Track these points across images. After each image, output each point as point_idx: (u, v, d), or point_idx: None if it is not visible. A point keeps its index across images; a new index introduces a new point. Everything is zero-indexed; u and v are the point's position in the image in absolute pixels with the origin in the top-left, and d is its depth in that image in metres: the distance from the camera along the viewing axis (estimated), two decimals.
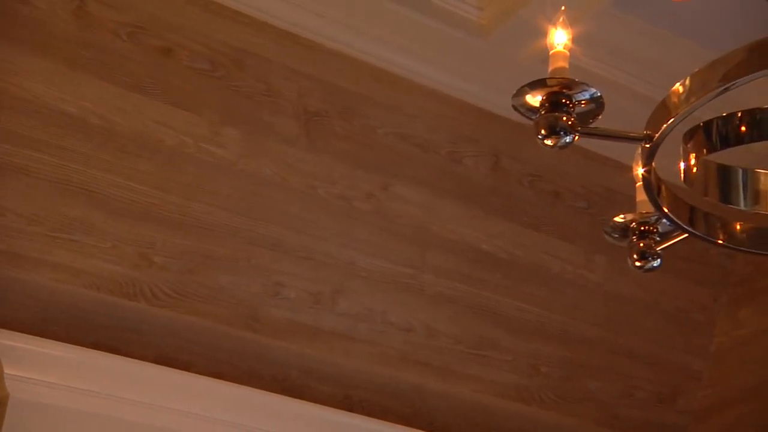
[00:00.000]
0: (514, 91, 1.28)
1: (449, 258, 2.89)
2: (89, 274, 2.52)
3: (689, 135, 1.35)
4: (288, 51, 2.60)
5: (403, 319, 2.88)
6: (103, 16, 2.41)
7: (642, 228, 1.50)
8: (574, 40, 1.34)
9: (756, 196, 1.41)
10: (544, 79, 1.28)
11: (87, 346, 2.50)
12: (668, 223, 1.42)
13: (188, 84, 2.53)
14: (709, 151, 1.36)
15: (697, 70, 1.21)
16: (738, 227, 1.44)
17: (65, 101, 2.42)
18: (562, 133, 1.26)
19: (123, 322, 2.57)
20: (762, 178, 1.40)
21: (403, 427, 2.86)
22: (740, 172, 1.40)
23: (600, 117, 1.30)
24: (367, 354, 2.86)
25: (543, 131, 1.27)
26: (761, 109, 1.35)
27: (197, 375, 2.62)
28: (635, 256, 1.50)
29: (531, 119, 1.29)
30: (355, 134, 2.72)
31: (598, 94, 1.28)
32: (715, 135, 1.35)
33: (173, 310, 2.61)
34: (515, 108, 1.30)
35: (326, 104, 2.67)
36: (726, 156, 1.38)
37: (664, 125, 1.25)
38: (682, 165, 1.36)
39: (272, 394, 2.70)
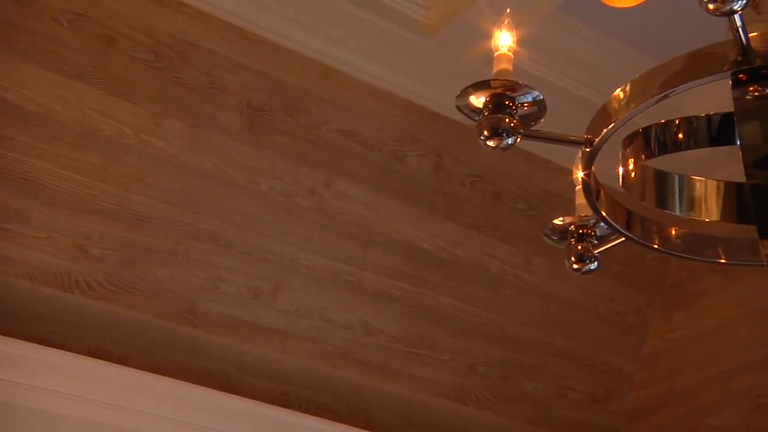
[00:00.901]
0: (459, 92, 1.29)
1: (390, 256, 2.89)
2: (24, 265, 2.47)
3: (628, 140, 1.37)
4: (233, 44, 2.58)
5: (343, 316, 2.88)
6: (43, 3, 2.37)
7: (580, 231, 1.52)
8: (520, 43, 1.35)
9: (691, 203, 1.43)
10: (488, 81, 1.28)
11: (19, 338, 2.45)
12: (606, 226, 1.44)
13: (130, 74, 2.49)
14: (648, 157, 1.39)
15: (637, 76, 1.23)
16: (673, 232, 1.47)
17: (3, 88, 2.37)
18: (504, 134, 1.27)
19: (57, 313, 2.53)
20: (697, 184, 1.43)
21: (341, 424, 2.86)
22: (677, 178, 1.43)
23: (542, 120, 1.31)
24: (305, 351, 2.85)
25: (486, 132, 1.28)
26: (698, 117, 1.38)
27: (132, 369, 2.59)
28: (573, 258, 1.51)
29: (474, 120, 1.29)
30: (298, 130, 2.70)
31: (541, 97, 1.29)
32: (653, 141, 1.38)
33: (110, 302, 2.57)
34: (459, 108, 1.30)
35: (270, 99, 2.65)
36: (663, 162, 1.41)
37: (605, 130, 1.26)
38: (620, 170, 1.38)
39: (209, 389, 2.68)
